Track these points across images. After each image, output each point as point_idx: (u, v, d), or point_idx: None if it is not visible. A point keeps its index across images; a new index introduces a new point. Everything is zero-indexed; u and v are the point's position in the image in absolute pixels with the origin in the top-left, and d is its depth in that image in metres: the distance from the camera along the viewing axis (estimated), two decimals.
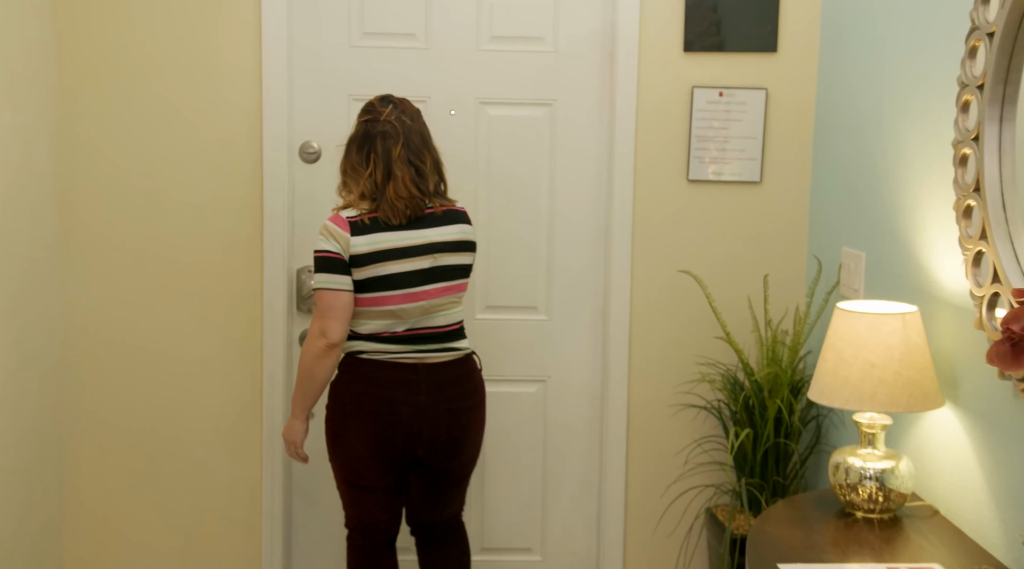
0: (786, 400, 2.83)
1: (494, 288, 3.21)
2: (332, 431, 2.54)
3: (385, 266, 2.41)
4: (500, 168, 3.17)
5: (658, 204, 3.11)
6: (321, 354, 2.42)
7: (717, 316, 2.98)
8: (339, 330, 2.39)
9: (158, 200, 3.06)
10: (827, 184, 2.97)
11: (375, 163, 2.41)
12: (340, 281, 2.40)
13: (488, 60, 3.14)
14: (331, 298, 2.39)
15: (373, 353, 2.45)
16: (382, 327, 2.46)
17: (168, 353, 3.11)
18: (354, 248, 2.40)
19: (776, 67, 3.05)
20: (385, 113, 2.44)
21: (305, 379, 2.49)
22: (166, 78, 3.02)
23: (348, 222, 2.42)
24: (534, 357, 3.24)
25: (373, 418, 2.44)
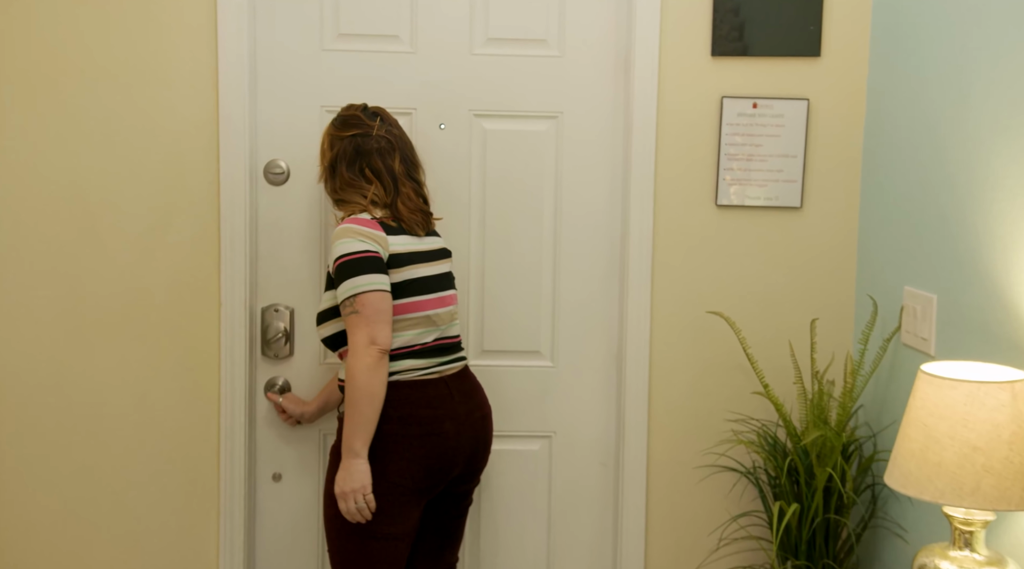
0: (838, 468, 2.38)
1: (491, 331, 2.77)
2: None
3: (420, 268, 2.27)
4: (496, 190, 2.75)
5: (682, 233, 2.66)
6: (376, 364, 2.14)
7: (753, 365, 2.53)
8: (388, 335, 2.17)
9: (95, 226, 2.61)
10: (881, 211, 2.53)
11: (376, 180, 2.29)
12: (385, 282, 2.18)
13: (483, 66, 2.72)
14: (379, 300, 2.16)
15: (402, 373, 2.23)
16: (413, 338, 2.26)
17: (107, 408, 2.65)
18: (393, 247, 2.23)
19: (819, 73, 2.62)
20: (376, 126, 2.30)
21: (364, 401, 2.14)
22: (106, 85, 2.58)
23: (377, 222, 2.23)
24: (537, 409, 2.80)
25: (419, 443, 2.22)
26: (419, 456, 2.21)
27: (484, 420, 2.38)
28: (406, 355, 2.24)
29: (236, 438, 2.66)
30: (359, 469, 2.15)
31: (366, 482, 2.15)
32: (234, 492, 2.66)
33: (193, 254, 2.63)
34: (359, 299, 2.14)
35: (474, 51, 2.71)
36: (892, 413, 2.43)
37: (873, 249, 2.57)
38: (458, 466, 2.30)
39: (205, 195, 2.62)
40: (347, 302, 2.16)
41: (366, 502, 2.16)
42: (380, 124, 2.31)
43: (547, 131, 2.74)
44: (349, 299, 2.15)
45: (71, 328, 2.63)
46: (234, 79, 2.59)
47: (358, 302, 2.14)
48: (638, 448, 2.71)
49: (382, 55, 2.69)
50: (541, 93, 2.73)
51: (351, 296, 2.15)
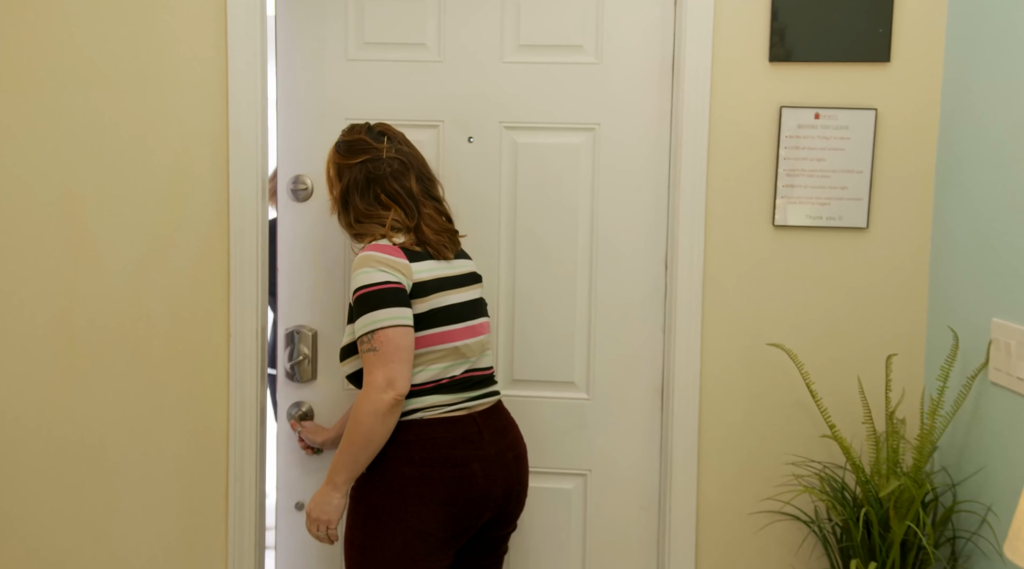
0: (921, 521, 2.12)
1: (522, 359, 2.56)
2: (377, 519, 2.02)
3: (448, 295, 2.07)
4: (528, 208, 2.53)
5: (736, 256, 2.42)
6: (388, 411, 1.96)
7: (817, 403, 2.28)
8: (407, 377, 1.97)
9: (90, 246, 2.38)
10: (958, 233, 2.28)
11: (394, 205, 2.10)
12: (407, 316, 1.99)
13: (514, 75, 2.50)
14: (400, 337, 1.96)
15: (427, 410, 2.04)
16: (440, 372, 2.06)
17: (104, 447, 2.41)
18: (417, 274, 2.03)
19: (889, 81, 2.38)
20: (384, 148, 2.11)
21: (361, 444, 1.98)
22: (103, 89, 2.36)
23: (400, 248, 2.05)
24: (571, 445, 2.57)
25: (444, 486, 2.02)
26: (444, 501, 2.02)
27: (518, 461, 2.16)
28: (431, 390, 2.05)
29: (246, 481, 2.41)
30: (333, 503, 2.04)
31: (334, 518, 2.05)
32: (244, 539, 2.42)
33: (199, 277, 2.40)
34: (377, 335, 1.95)
35: (504, 59, 2.50)
36: (977, 459, 2.18)
37: (949, 275, 2.32)
38: (489, 511, 2.10)
39: (213, 213, 2.39)
40: (365, 338, 1.97)
41: (328, 535, 2.07)
42: (389, 144, 2.12)
43: (583, 144, 2.51)
44: (367, 335, 1.97)
45: (63, 359, 2.39)
46: (245, 86, 2.36)
47: (376, 339, 1.95)
48: (687, 492, 2.46)
49: (408, 65, 2.49)
50: (577, 103, 2.51)
51: (369, 332, 1.96)
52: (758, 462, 2.45)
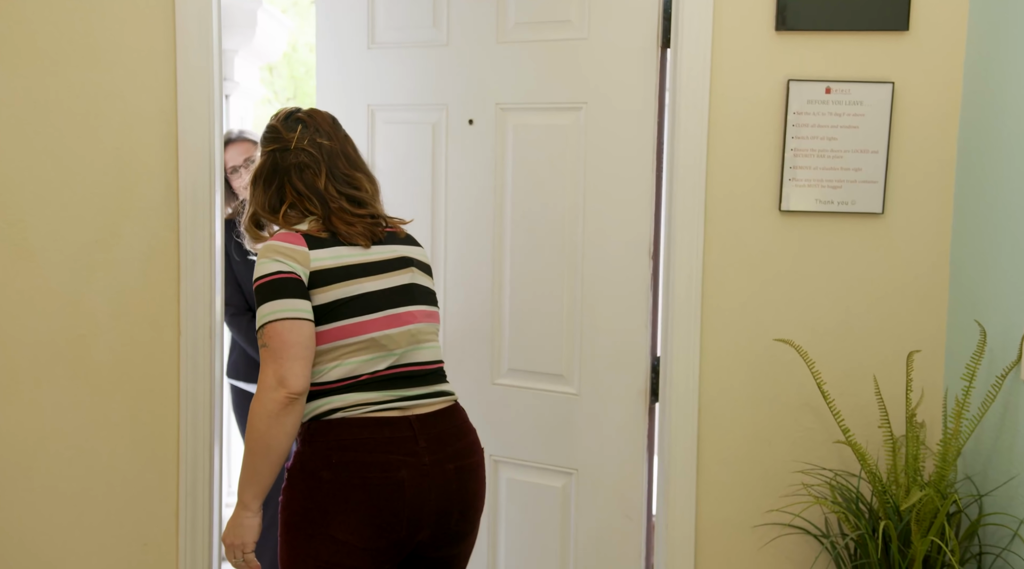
0: (947, 536, 1.92)
1: (515, 347, 2.46)
2: (299, 527, 1.80)
3: (358, 283, 1.85)
4: (520, 192, 2.41)
5: (738, 245, 2.21)
6: (279, 411, 1.74)
7: (829, 405, 2.07)
8: (302, 374, 1.76)
9: (23, 240, 2.14)
10: (983, 218, 2.07)
11: (298, 203, 1.90)
12: (298, 308, 1.78)
13: (507, 55, 2.39)
14: (288, 331, 1.75)
15: (348, 409, 1.81)
16: (358, 366, 1.83)
17: (39, 464, 2.18)
18: (316, 262, 1.82)
19: (907, 52, 2.16)
20: (295, 138, 1.91)
21: (259, 453, 1.78)
22: (35, 63, 2.12)
23: (301, 235, 1.84)
24: (559, 441, 2.44)
25: (364, 493, 1.79)
26: (365, 510, 1.79)
27: (463, 473, 1.88)
28: (353, 387, 1.83)
29: (199, 496, 2.19)
30: (244, 523, 1.83)
31: (248, 539, 1.84)
32: (196, 561, 2.19)
33: (146, 273, 2.17)
34: (267, 330, 1.76)
35: (500, 39, 2.41)
36: (1007, 467, 1.97)
37: (974, 265, 2.11)
38: (423, 527, 1.84)
39: (161, 201, 2.16)
40: (259, 333, 1.79)
41: (246, 561, 1.85)
42: (302, 134, 1.91)
43: (571, 125, 2.33)
44: (259, 330, 1.78)
45: None
46: (195, 62, 2.13)
47: (266, 334, 1.77)
48: (684, 503, 2.25)
49: (419, 50, 2.50)
50: (564, 82, 2.35)
51: (260, 326, 1.78)
52: (763, 470, 2.24)
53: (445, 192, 2.50)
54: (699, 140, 2.18)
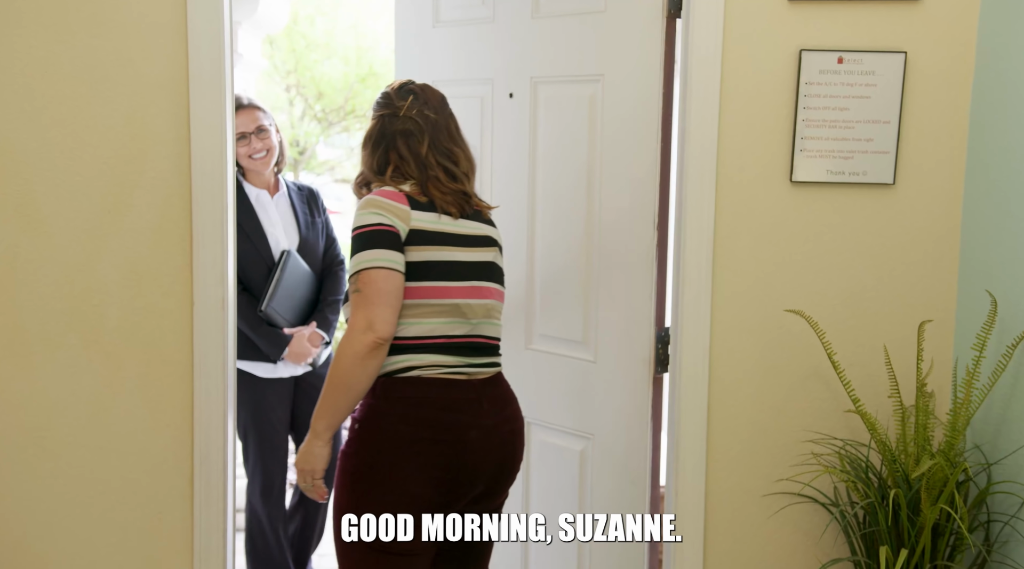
0: (957, 505, 1.93)
1: (543, 313, 2.53)
2: (364, 477, 1.91)
3: (449, 251, 1.96)
4: (550, 164, 2.47)
5: (749, 215, 2.21)
6: (367, 354, 1.85)
7: (839, 375, 2.08)
8: (391, 321, 1.87)
9: (34, 209, 2.14)
10: (994, 188, 2.07)
11: (399, 164, 2.01)
12: (394, 259, 1.88)
13: (541, 29, 2.43)
14: (383, 280, 1.86)
15: (424, 369, 1.93)
16: (437, 327, 1.95)
17: (54, 431, 2.19)
18: (416, 222, 1.93)
19: (919, 21, 2.16)
20: (405, 106, 2.03)
21: (340, 388, 1.89)
22: (45, 31, 2.11)
23: (404, 195, 1.95)
24: (577, 407, 2.47)
25: (436, 448, 1.91)
26: (434, 465, 1.91)
27: (514, 435, 2.04)
28: (430, 348, 1.94)
29: (214, 465, 2.20)
30: (315, 451, 1.96)
31: (318, 467, 1.97)
32: (211, 530, 2.20)
33: (157, 241, 2.17)
34: (362, 276, 1.87)
35: (534, 14, 2.46)
36: (1015, 436, 1.99)
37: (985, 235, 2.12)
38: (480, 483, 1.99)
39: (173, 170, 2.15)
40: (351, 280, 1.89)
41: (315, 486, 1.99)
42: (412, 104, 2.04)
43: (590, 96, 2.37)
44: (353, 276, 1.89)
45: (7, 333, 2.16)
46: (205, 27, 2.12)
47: (360, 280, 1.87)
48: (694, 472, 2.26)
49: (471, 25, 2.56)
50: (586, 55, 2.38)
51: (355, 272, 1.88)
52: (773, 440, 2.25)
53: (491, 165, 2.58)
54: (710, 110, 2.17)
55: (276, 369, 2.88)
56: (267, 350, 2.83)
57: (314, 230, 2.97)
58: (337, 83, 9.68)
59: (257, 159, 2.85)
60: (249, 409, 2.88)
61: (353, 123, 10.13)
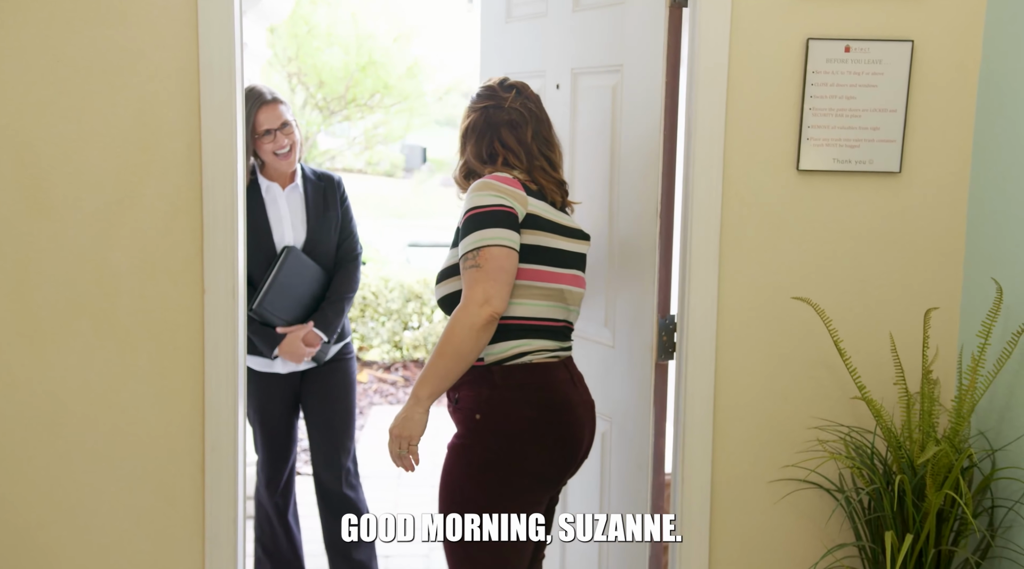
0: (962, 490, 1.95)
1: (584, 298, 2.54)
2: (492, 465, 1.97)
3: (558, 239, 2.06)
4: (585, 151, 2.52)
5: (756, 203, 2.22)
6: (482, 327, 1.92)
7: (845, 362, 2.10)
8: (505, 298, 1.95)
9: (47, 198, 2.16)
10: (1001, 177, 2.09)
11: (504, 154, 2.08)
12: (514, 239, 1.96)
13: (580, 20, 2.49)
14: (505, 257, 1.94)
15: (534, 354, 2.02)
16: (542, 311, 2.03)
17: (67, 415, 2.21)
18: (532, 207, 2.02)
19: (926, 10, 2.17)
20: (509, 98, 2.11)
21: (453, 357, 1.94)
22: (57, 23, 2.12)
23: (519, 182, 2.04)
24: (600, 391, 2.46)
25: (560, 429, 2.02)
26: (558, 444, 2.02)
27: (595, 410, 2.15)
28: (537, 332, 2.03)
29: (224, 450, 2.22)
30: (415, 418, 1.97)
31: (415, 434, 1.98)
32: (222, 515, 2.23)
33: (169, 229, 2.18)
34: (483, 252, 1.94)
35: (575, 8, 2.52)
36: (1020, 423, 2.01)
37: (990, 223, 2.13)
38: (582, 454, 2.10)
39: (184, 158, 2.16)
40: (469, 255, 1.95)
41: (411, 452, 2.00)
42: (515, 97, 2.12)
43: (612, 86, 2.44)
44: (472, 252, 1.95)
45: (21, 321, 2.18)
46: (215, 17, 2.12)
47: (481, 255, 1.94)
48: (701, 458, 2.28)
49: (531, 20, 2.63)
50: (611, 46, 2.41)
51: (475, 249, 1.94)
52: (779, 427, 2.27)
53: None
54: (718, 99, 2.18)
55: (273, 365, 2.84)
56: (260, 347, 2.78)
57: (325, 223, 2.85)
58: (338, 72, 9.67)
59: (281, 155, 2.75)
60: (252, 402, 2.88)
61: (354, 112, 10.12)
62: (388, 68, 10.28)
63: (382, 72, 10.16)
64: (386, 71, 10.24)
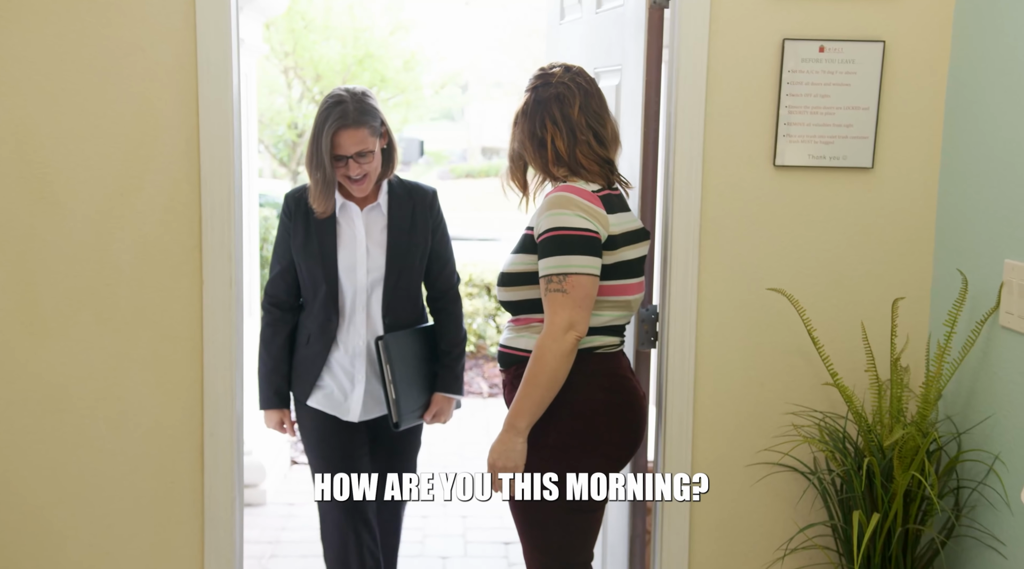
0: (927, 471, 2.05)
1: None
2: (569, 447, 2.04)
3: (630, 250, 2.10)
4: None
5: (735, 198, 2.31)
6: (571, 351, 1.99)
7: (819, 350, 2.19)
8: (587, 322, 2.02)
9: (49, 190, 2.24)
10: (968, 172, 2.17)
11: (553, 129, 2.06)
12: (597, 266, 2.01)
13: (597, 23, 2.65)
14: (590, 285, 2.00)
15: (600, 347, 2.09)
16: (611, 320, 2.10)
17: (70, 401, 2.29)
18: (613, 227, 2.05)
19: (897, 11, 2.25)
20: (557, 74, 2.11)
21: (546, 386, 1.99)
22: (60, 20, 2.20)
23: (598, 196, 2.04)
24: None
25: (626, 411, 2.11)
26: (628, 425, 2.11)
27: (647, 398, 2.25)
28: (606, 331, 2.10)
29: (221, 436, 2.31)
30: (517, 450, 2.02)
31: (520, 463, 2.03)
32: (219, 498, 2.32)
33: (167, 222, 2.26)
34: (570, 280, 1.98)
35: (597, 10, 2.66)
36: (984, 407, 2.10)
37: (959, 217, 2.22)
38: (644, 440, 2.21)
39: (182, 153, 2.25)
40: (555, 278, 1.99)
41: (510, 485, 2.04)
42: (563, 73, 2.12)
43: (615, 86, 2.58)
44: (558, 276, 1.99)
45: (24, 310, 2.26)
46: (212, 14, 2.20)
47: (568, 283, 1.98)
48: (681, 443, 2.37)
49: (572, 23, 2.85)
50: (615, 47, 2.53)
51: (562, 273, 1.98)
52: (755, 412, 2.36)
53: None
54: (697, 97, 2.27)
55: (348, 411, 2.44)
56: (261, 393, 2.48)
57: (410, 251, 2.44)
58: (335, 65, 9.73)
59: (353, 182, 2.37)
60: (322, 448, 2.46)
61: None
62: (385, 61, 10.33)
63: (379, 65, 10.21)
64: (383, 64, 10.29)
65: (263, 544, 3.63)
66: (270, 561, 3.49)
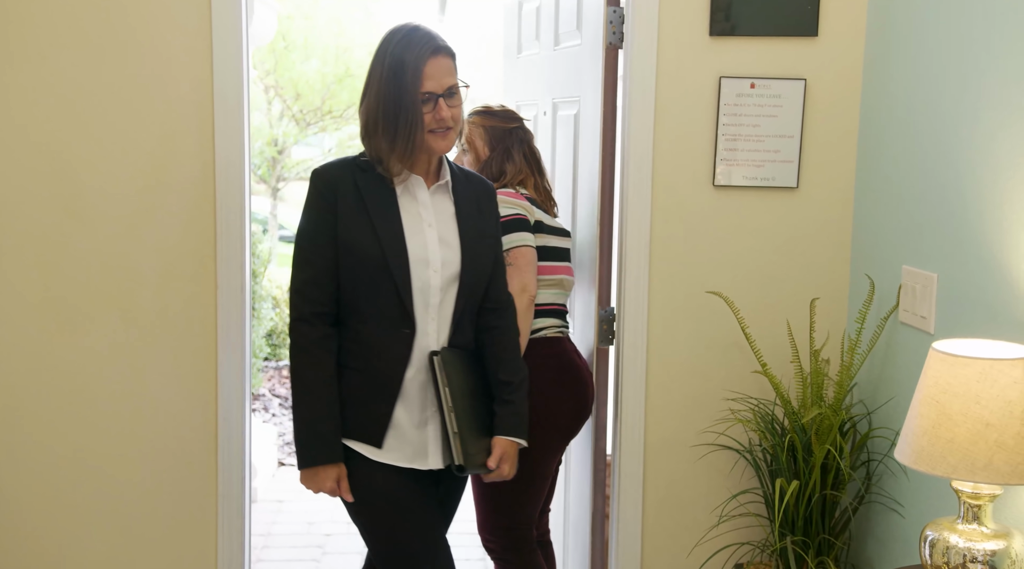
0: (837, 444, 2.41)
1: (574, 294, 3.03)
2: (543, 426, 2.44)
3: (552, 238, 2.60)
4: (560, 175, 3.06)
5: (680, 214, 2.67)
6: (528, 307, 2.45)
7: (751, 344, 2.55)
8: (536, 286, 2.50)
9: (80, 205, 2.56)
10: (877, 191, 2.55)
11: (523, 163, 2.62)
12: (532, 240, 2.51)
13: (556, 59, 3.04)
14: (531, 253, 2.49)
15: (548, 329, 2.56)
16: (553, 297, 2.58)
17: (96, 394, 2.61)
18: (536, 215, 2.56)
19: (816, 53, 2.63)
20: (524, 121, 2.70)
21: (523, 333, 2.43)
22: (93, 53, 2.52)
23: (520, 194, 2.56)
24: None
25: (572, 387, 2.55)
26: (574, 399, 2.56)
27: (592, 375, 2.70)
28: (548, 314, 2.56)
29: (233, 427, 2.63)
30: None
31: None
32: (232, 475, 2.64)
33: (185, 236, 2.59)
34: (516, 252, 2.45)
35: (555, 46, 3.04)
36: (889, 390, 2.47)
37: (869, 229, 2.60)
38: (589, 410, 2.62)
39: (200, 174, 2.57)
40: (508, 252, 2.44)
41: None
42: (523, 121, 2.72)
43: (573, 116, 2.96)
44: (509, 250, 2.44)
45: (56, 312, 2.58)
46: (228, 53, 2.54)
47: (515, 254, 2.44)
48: (635, 426, 2.72)
49: (530, 58, 3.22)
50: (574, 80, 2.88)
51: (511, 248, 2.44)
52: (699, 399, 2.72)
53: None
54: (646, 126, 2.63)
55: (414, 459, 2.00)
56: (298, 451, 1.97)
57: (482, 245, 2.04)
58: (315, 84, 10.03)
59: (438, 134, 1.95)
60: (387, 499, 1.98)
61: (330, 123, 10.49)
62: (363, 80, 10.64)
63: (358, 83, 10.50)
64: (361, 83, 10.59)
65: (256, 536, 3.93)
66: (263, 552, 3.79)
